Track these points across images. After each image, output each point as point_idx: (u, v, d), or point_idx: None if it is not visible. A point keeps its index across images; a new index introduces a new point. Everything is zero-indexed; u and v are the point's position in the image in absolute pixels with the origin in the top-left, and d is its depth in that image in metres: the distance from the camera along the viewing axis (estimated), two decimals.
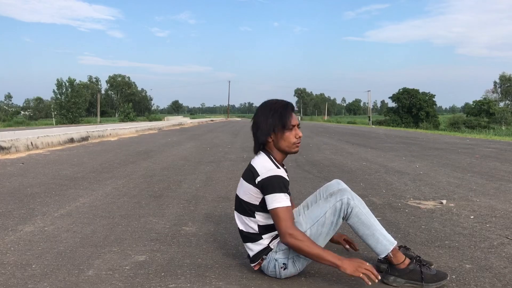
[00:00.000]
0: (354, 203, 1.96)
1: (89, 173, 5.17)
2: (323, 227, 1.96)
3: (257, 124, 2.04)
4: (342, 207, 1.94)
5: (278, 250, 1.98)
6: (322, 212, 1.96)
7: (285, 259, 1.96)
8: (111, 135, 12.70)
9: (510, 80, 71.85)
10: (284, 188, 1.93)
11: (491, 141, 12.86)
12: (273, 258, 1.98)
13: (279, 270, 1.97)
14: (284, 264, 1.97)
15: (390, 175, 5.24)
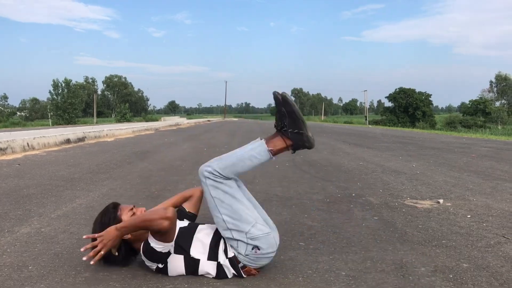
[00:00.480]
0: (212, 166, 2.02)
1: (85, 174, 5.15)
2: (224, 202, 1.99)
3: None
4: (211, 179, 2.00)
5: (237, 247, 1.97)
6: (211, 198, 2.02)
7: (247, 245, 1.95)
8: (108, 135, 12.67)
9: (506, 79, 72.09)
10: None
11: (487, 140, 12.91)
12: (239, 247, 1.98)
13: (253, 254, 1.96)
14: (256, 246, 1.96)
15: (387, 175, 5.25)
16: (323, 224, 2.96)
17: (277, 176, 5.14)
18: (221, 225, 1.99)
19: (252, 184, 4.58)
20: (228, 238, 1.97)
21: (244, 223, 1.94)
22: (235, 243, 1.96)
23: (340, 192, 4.12)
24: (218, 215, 1.98)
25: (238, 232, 1.95)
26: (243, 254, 1.95)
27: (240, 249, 1.95)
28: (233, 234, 1.95)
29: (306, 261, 2.23)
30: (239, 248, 1.95)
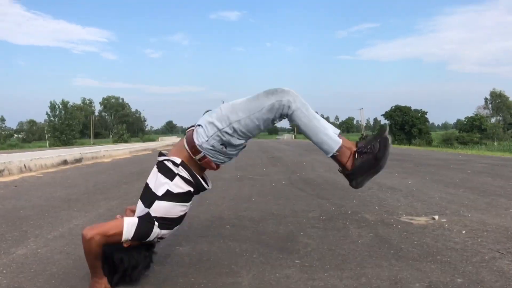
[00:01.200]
0: (296, 105, 2.01)
1: (82, 195, 5.16)
2: (257, 120, 2.02)
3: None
4: (280, 107, 2.00)
5: (208, 138, 2.05)
6: (260, 107, 2.00)
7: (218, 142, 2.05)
8: (105, 156, 12.68)
9: (500, 96, 72.74)
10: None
11: (483, 156, 12.98)
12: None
13: (221, 150, 2.08)
14: (222, 144, 2.06)
15: (383, 192, 5.28)
16: (318, 241, 2.98)
17: (273, 194, 5.15)
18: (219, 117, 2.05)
19: (249, 202, 4.59)
20: (210, 123, 2.05)
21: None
22: (211, 131, 2.04)
23: (336, 210, 4.14)
24: (242, 115, 2.02)
25: (224, 122, 2.03)
26: (209, 143, 2.05)
27: (210, 139, 2.04)
28: (218, 124, 2.03)
29: (301, 278, 2.24)
30: (209, 138, 2.04)
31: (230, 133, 2.02)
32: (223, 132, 2.02)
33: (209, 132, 2.04)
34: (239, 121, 2.00)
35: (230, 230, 3.34)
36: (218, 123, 2.03)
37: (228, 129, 2.01)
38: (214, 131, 2.03)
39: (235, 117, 2.01)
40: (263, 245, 2.91)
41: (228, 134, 2.02)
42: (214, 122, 2.04)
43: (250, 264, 2.49)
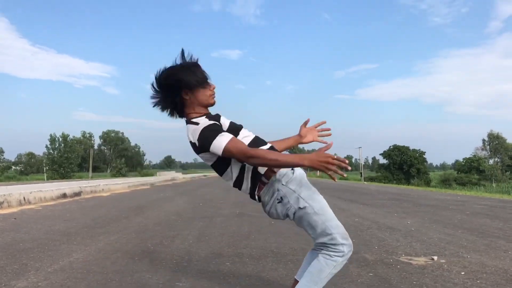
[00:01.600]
0: (340, 260, 1.98)
1: (82, 228, 5.16)
2: (309, 219, 1.95)
3: (166, 90, 2.01)
4: (333, 245, 1.95)
5: (280, 178, 1.96)
6: (327, 223, 1.96)
7: (286, 196, 1.95)
8: (104, 190, 12.67)
9: (498, 138, 73.29)
10: (216, 132, 1.91)
11: (482, 198, 12.98)
12: (273, 186, 1.97)
13: (274, 200, 1.97)
14: (281, 198, 1.95)
15: (382, 231, 5.28)
16: None
17: (273, 232, 5.16)
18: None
19: (248, 239, 4.60)
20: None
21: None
22: (290, 183, 1.97)
23: None
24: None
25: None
26: (279, 190, 1.96)
27: (282, 186, 1.96)
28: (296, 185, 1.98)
29: None
30: (286, 186, 1.96)
31: (295, 204, 1.95)
32: (296, 197, 1.96)
33: (290, 185, 1.97)
34: (309, 207, 1.95)
35: (230, 267, 3.35)
36: (304, 190, 1.98)
37: (301, 201, 1.95)
38: (294, 188, 1.97)
39: (312, 203, 1.96)
40: (263, 283, 2.91)
41: (294, 204, 1.95)
42: (302, 185, 1.99)
43: None
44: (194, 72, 1.99)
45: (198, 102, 2.02)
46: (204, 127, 1.92)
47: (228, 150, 1.86)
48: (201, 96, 2.01)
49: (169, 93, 2.01)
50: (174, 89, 1.98)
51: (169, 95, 2.01)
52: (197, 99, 2.01)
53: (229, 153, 1.88)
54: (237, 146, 1.86)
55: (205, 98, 2.02)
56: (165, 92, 2.02)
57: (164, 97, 2.03)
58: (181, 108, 2.04)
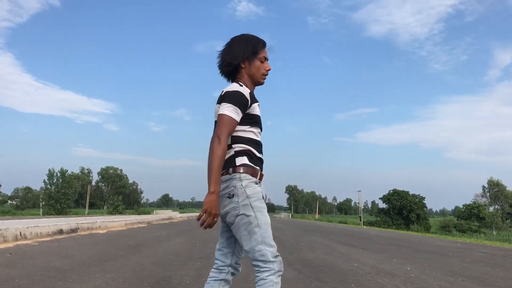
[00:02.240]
0: (272, 278, 1.96)
1: (78, 266, 5.10)
2: (248, 228, 1.96)
3: (231, 50, 2.15)
4: (263, 262, 1.95)
5: (243, 179, 1.99)
6: (260, 244, 1.96)
7: (237, 196, 1.97)
8: (100, 227, 12.55)
9: (498, 185, 73.12)
10: (241, 105, 2.00)
11: (482, 245, 12.84)
12: (233, 180, 1.99)
13: (226, 193, 1.98)
14: (233, 195, 1.97)
15: (381, 277, 5.22)
16: None
17: None
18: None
19: (246, 281, 4.54)
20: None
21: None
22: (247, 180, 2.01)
23: None
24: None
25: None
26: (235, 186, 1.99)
27: (239, 182, 1.99)
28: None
29: None
30: (243, 181, 1.99)
31: (239, 209, 1.98)
32: (246, 200, 1.99)
33: (248, 190, 2.00)
34: (254, 217, 1.97)
35: None
36: (253, 201, 2.00)
37: (248, 209, 1.98)
38: (250, 193, 2.00)
39: (258, 213, 1.98)
40: None
41: (239, 207, 1.98)
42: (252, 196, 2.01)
43: None
44: (259, 46, 2.18)
45: (250, 74, 2.17)
46: (238, 91, 2.03)
47: (222, 118, 1.96)
48: (255, 70, 2.17)
49: (227, 56, 2.16)
50: (237, 52, 2.14)
51: (227, 58, 2.16)
52: (251, 71, 2.17)
53: (220, 119, 1.97)
54: (226, 125, 1.95)
55: (258, 74, 2.18)
56: (229, 50, 2.17)
57: (225, 54, 2.17)
58: (234, 73, 2.19)
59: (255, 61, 2.17)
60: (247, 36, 2.20)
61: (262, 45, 2.20)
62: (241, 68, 2.17)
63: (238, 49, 2.14)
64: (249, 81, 2.18)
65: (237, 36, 2.21)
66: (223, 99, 2.02)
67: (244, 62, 2.15)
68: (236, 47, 2.15)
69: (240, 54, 2.14)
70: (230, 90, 2.04)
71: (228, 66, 2.17)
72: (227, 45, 2.19)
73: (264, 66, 2.19)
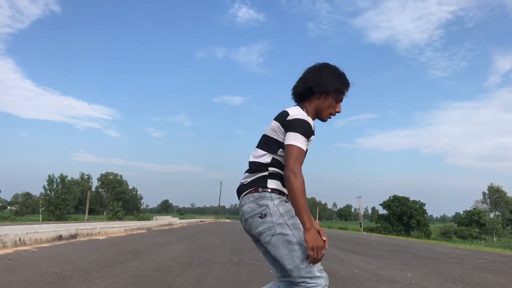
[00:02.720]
0: None
1: (77, 272, 5.08)
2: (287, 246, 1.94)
3: (320, 76, 2.07)
4: (309, 278, 1.92)
5: (274, 198, 1.96)
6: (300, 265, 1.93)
7: (271, 215, 1.94)
8: (100, 233, 12.51)
9: (498, 191, 73.06)
10: (308, 136, 1.96)
11: (483, 252, 12.81)
12: (264, 199, 1.96)
13: (257, 213, 1.96)
14: (265, 215, 1.94)
15: (381, 284, 5.20)
16: None
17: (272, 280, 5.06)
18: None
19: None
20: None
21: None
22: (278, 199, 1.99)
23: None
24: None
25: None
26: (267, 205, 1.97)
27: (270, 201, 1.97)
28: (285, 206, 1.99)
29: None
30: (274, 201, 1.98)
31: (279, 231, 1.96)
32: (280, 218, 1.97)
33: (280, 208, 1.99)
34: (292, 235, 1.94)
35: None
36: (287, 218, 1.98)
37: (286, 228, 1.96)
38: (284, 211, 1.99)
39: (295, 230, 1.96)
40: None
41: (276, 225, 1.96)
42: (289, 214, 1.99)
43: None
44: (345, 87, 2.12)
45: (319, 108, 2.11)
46: (308, 121, 1.98)
47: (292, 149, 1.90)
48: (327, 106, 2.11)
49: (311, 81, 2.09)
50: (325, 81, 2.08)
51: (310, 82, 2.09)
52: (323, 105, 2.10)
53: (289, 149, 1.91)
54: (297, 157, 1.90)
55: (326, 111, 2.12)
56: (318, 75, 2.09)
57: (311, 77, 2.10)
58: (304, 99, 2.12)
59: (332, 98, 2.10)
60: (339, 71, 2.13)
61: (348, 87, 2.14)
62: (315, 97, 2.10)
63: (326, 79, 2.07)
64: (313, 112, 2.12)
65: (330, 66, 2.14)
66: (291, 126, 1.96)
67: (322, 94, 2.09)
68: (325, 76, 2.08)
69: (325, 85, 2.07)
70: (299, 118, 1.97)
71: (307, 90, 2.10)
72: (318, 70, 2.11)
73: (336, 107, 2.14)
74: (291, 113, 2.01)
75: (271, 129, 2.06)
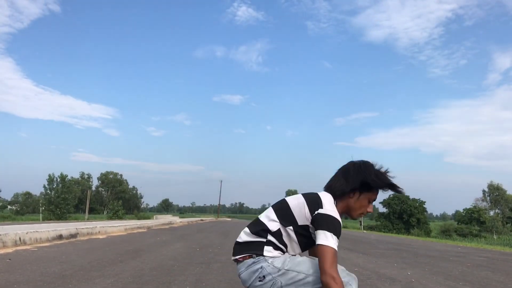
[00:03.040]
0: None
1: (77, 271, 5.08)
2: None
3: (360, 172, 2.03)
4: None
5: (270, 263, 1.95)
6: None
7: (269, 274, 1.93)
8: (100, 232, 12.52)
9: (498, 189, 73.07)
10: (339, 236, 1.91)
11: (483, 250, 12.82)
12: (260, 264, 1.95)
13: (255, 278, 1.95)
14: (264, 276, 1.93)
15: (381, 282, 5.20)
16: None
17: None
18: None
19: None
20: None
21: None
22: (274, 264, 1.96)
23: None
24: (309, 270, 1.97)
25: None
26: (263, 268, 1.95)
27: (267, 265, 1.96)
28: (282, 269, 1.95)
29: None
30: (270, 266, 1.95)
31: (284, 280, 1.94)
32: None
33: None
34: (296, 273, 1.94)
35: None
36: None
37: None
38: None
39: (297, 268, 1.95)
40: None
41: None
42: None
43: None
44: (381, 185, 2.06)
45: (350, 206, 2.07)
46: (340, 221, 1.94)
47: (327, 250, 1.84)
48: (358, 206, 2.07)
49: (350, 178, 2.04)
50: (356, 179, 2.03)
51: (349, 179, 2.04)
52: (354, 205, 2.06)
53: (325, 251, 1.84)
54: (333, 259, 1.84)
55: (357, 211, 2.08)
56: (358, 171, 2.05)
57: (353, 172, 2.06)
58: (338, 196, 2.06)
59: (365, 198, 2.07)
60: (379, 172, 2.07)
61: (382, 189, 2.09)
62: (348, 195, 2.07)
63: (366, 177, 2.03)
64: (342, 208, 2.08)
65: (371, 165, 2.08)
66: (324, 222, 1.91)
67: (355, 192, 2.06)
68: (366, 173, 2.04)
69: (360, 183, 2.03)
70: (332, 216, 1.93)
71: (344, 185, 2.05)
72: (359, 166, 2.08)
73: (368, 207, 2.09)
74: (325, 206, 1.96)
75: (298, 204, 2.02)
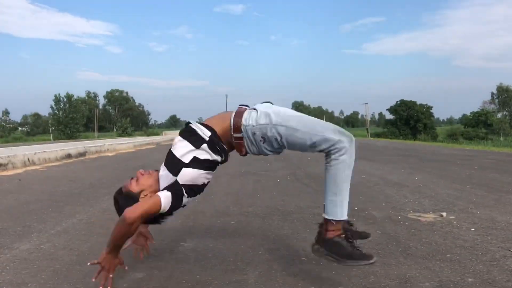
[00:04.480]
0: (346, 157, 1.98)
1: (86, 189, 5.13)
2: (303, 139, 1.99)
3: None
4: (334, 146, 1.96)
5: (254, 123, 2.02)
6: (319, 131, 1.97)
7: (263, 130, 2.01)
8: (109, 150, 12.67)
9: (507, 91, 72.14)
10: (179, 197, 2.03)
11: (490, 152, 12.87)
12: (249, 132, 2.03)
13: (259, 145, 2.05)
14: (262, 137, 2.02)
15: (389, 188, 5.22)
16: None
17: (278, 190, 5.11)
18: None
19: (254, 198, 4.55)
20: (266, 114, 2.03)
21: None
22: (263, 120, 2.01)
23: None
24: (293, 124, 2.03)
25: (279, 120, 2.02)
26: (253, 130, 2.02)
27: (257, 126, 2.01)
28: (273, 118, 2.01)
29: (308, 277, 2.20)
30: (257, 125, 2.01)
31: (276, 133, 2.00)
32: (272, 128, 1.99)
33: (260, 121, 2.00)
34: (287, 128, 1.98)
35: (235, 226, 3.30)
36: (273, 117, 2.00)
37: (278, 127, 1.99)
38: (265, 122, 2.00)
39: (288, 123, 1.99)
40: (269, 241, 2.87)
41: (275, 133, 2.00)
42: (270, 115, 2.00)
43: (256, 261, 2.45)
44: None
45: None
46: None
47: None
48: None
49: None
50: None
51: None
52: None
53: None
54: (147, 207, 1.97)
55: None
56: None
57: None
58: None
59: None
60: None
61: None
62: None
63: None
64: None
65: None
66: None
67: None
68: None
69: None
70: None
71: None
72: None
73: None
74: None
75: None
